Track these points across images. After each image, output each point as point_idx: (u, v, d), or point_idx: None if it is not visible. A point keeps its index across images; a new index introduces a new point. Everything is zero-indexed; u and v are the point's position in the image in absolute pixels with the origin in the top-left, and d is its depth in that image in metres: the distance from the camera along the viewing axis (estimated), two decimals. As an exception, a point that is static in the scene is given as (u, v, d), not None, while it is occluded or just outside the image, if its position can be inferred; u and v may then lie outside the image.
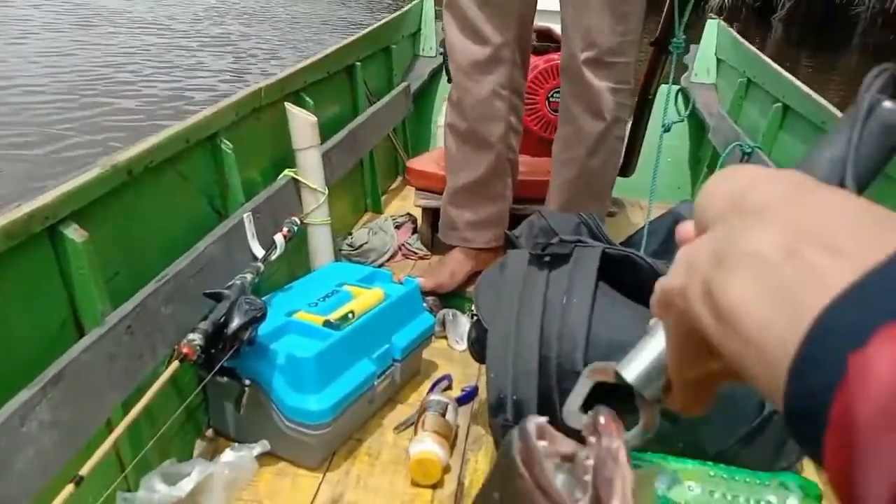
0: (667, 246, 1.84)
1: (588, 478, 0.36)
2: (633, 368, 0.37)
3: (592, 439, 0.37)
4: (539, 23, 2.01)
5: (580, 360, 1.20)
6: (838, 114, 1.67)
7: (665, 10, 1.79)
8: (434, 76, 2.78)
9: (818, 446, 0.18)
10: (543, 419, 0.39)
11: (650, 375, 0.36)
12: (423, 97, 2.73)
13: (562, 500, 0.34)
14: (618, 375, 0.37)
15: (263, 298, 1.34)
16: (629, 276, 1.32)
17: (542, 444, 0.38)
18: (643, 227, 1.79)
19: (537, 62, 2.11)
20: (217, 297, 1.22)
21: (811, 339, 0.18)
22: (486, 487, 0.41)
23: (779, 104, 2.02)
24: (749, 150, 1.96)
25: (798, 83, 1.97)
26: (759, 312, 0.20)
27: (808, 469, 1.40)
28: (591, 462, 0.36)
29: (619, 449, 0.36)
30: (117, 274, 1.15)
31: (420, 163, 2.18)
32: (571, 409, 0.40)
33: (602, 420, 0.38)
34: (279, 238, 1.47)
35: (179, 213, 1.36)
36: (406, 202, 2.37)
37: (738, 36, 2.59)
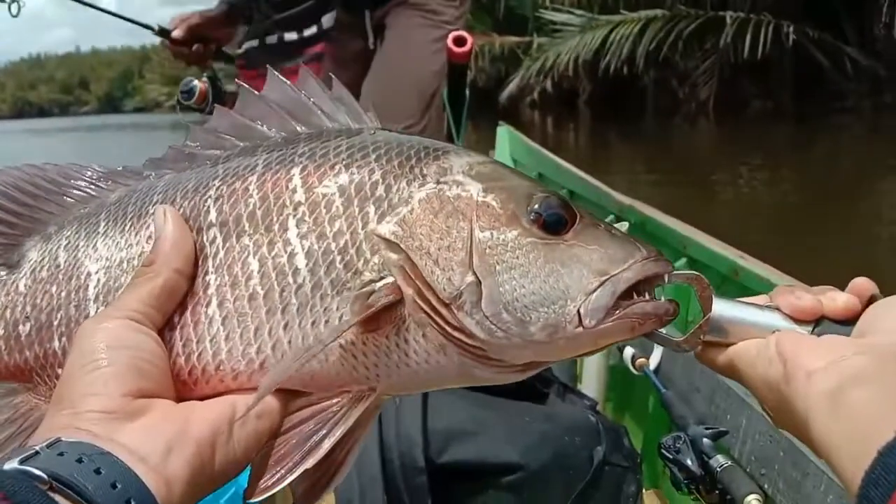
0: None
1: None
2: (725, 309, 0.40)
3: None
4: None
5: (420, 455, 1.26)
6: (612, 193, 1.93)
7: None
8: None
9: None
10: None
11: (725, 327, 0.40)
12: None
13: None
14: (710, 300, 0.40)
15: None
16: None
17: None
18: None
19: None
20: None
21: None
22: None
23: (565, 190, 2.30)
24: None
25: (576, 171, 2.26)
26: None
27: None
28: None
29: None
30: None
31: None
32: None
33: (650, 310, 0.41)
34: None
35: None
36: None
37: (525, 137, 2.95)
